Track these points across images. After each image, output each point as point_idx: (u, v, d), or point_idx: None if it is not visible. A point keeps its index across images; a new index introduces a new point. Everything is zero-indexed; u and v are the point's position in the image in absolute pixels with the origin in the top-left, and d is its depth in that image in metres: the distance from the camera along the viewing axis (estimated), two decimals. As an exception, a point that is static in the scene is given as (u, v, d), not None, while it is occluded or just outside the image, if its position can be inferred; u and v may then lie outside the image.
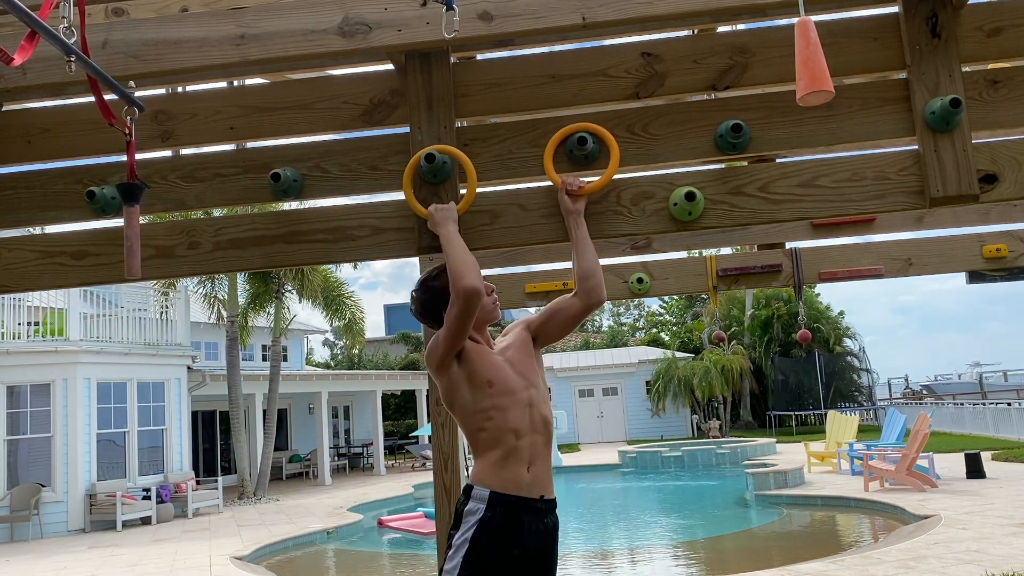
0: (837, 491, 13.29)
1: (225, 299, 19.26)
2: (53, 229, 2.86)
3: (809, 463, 16.39)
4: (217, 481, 17.47)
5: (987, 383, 33.04)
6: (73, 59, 1.91)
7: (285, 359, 24.70)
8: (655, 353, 31.85)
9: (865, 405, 30.45)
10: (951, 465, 14.55)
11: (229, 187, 2.65)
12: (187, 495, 16.01)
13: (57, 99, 2.80)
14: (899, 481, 12.73)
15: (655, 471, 20.01)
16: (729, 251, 5.91)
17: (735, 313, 33.11)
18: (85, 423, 15.05)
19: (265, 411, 19.73)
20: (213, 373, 18.95)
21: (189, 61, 2.43)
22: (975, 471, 13.42)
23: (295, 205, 3.14)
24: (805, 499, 13.34)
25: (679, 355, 30.89)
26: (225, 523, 14.61)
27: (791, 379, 30.18)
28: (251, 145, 2.70)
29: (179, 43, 2.43)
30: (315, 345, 46.49)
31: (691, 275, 4.95)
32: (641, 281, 4.86)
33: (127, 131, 2.32)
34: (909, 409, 24.00)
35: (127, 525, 14.79)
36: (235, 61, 2.43)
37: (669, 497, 16.71)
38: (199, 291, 19.25)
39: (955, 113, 2.25)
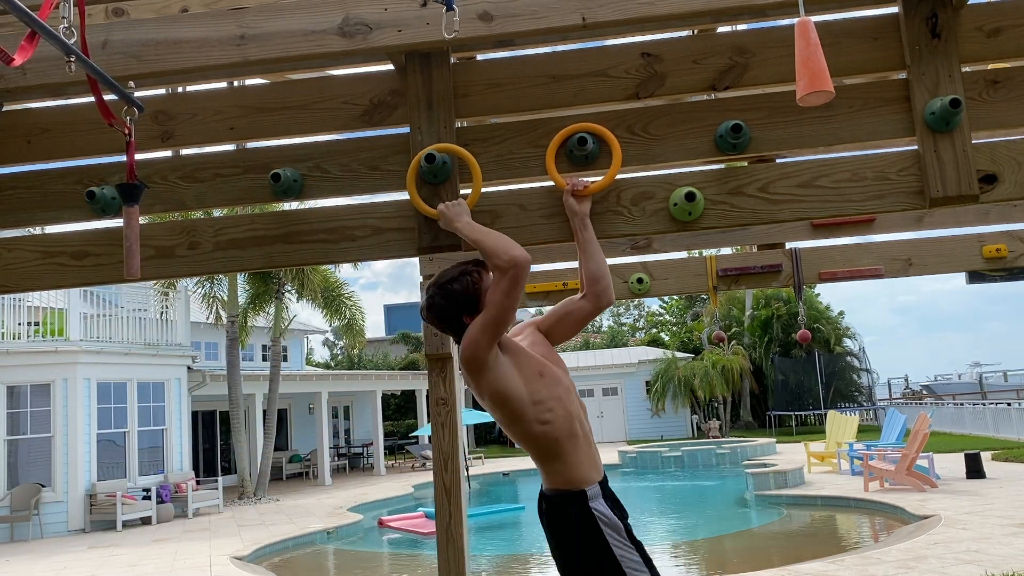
0: (837, 491, 13.29)
1: (225, 299, 19.26)
2: (53, 229, 2.86)
3: (809, 463, 16.40)
4: (217, 481, 17.47)
5: (987, 383, 33.05)
6: (73, 59, 1.91)
7: (285, 359, 24.70)
8: (655, 353, 31.85)
9: (865, 405, 30.45)
10: (951, 465, 14.55)
11: (229, 187, 2.65)
12: (187, 495, 16.01)
13: (57, 99, 2.80)
14: (899, 481, 12.73)
15: (655, 471, 20.02)
16: (729, 251, 5.91)
17: (735, 313, 33.11)
18: (85, 423, 15.05)
19: (265, 411, 19.73)
20: (213, 373, 18.96)
21: (189, 61, 2.43)
22: (975, 471, 13.42)
23: (295, 205, 3.14)
24: (805, 499, 13.34)
25: (679, 355, 30.89)
26: (225, 523, 14.61)
27: (791, 379, 30.18)
28: (251, 145, 2.70)
29: (179, 43, 2.43)
30: (315, 345, 46.54)
31: (691, 275, 4.94)
32: (641, 281, 4.86)
33: (127, 131, 2.32)
34: (909, 409, 24.00)
35: (127, 525, 14.79)
36: (235, 61, 2.43)
37: (669, 497, 16.71)
38: (198, 291, 19.25)
39: (955, 113, 2.25)
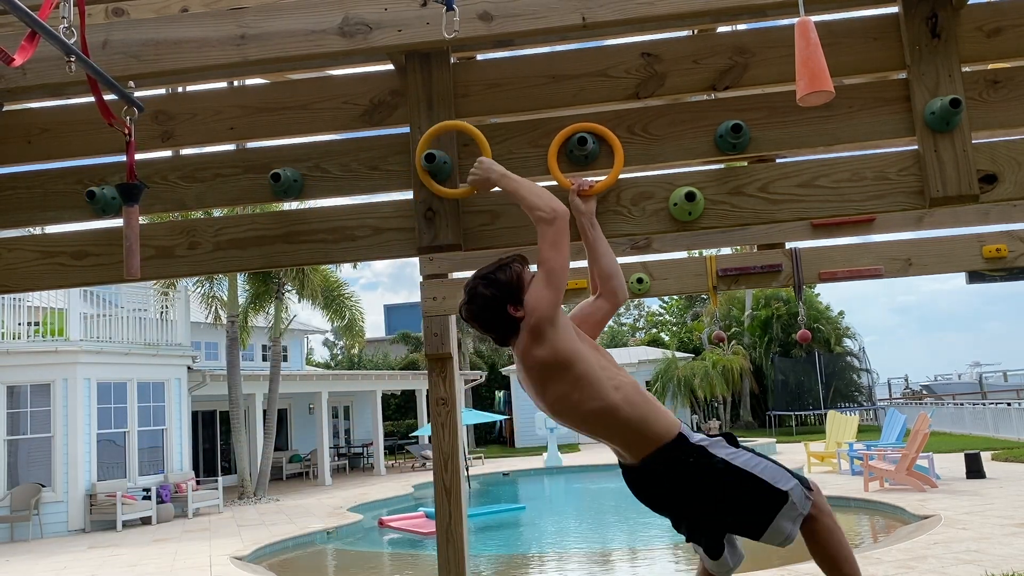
0: (837, 491, 13.28)
1: (224, 299, 19.26)
2: (53, 229, 2.86)
3: (809, 463, 16.39)
4: (217, 481, 17.47)
5: (987, 383, 33.06)
6: (73, 59, 1.91)
7: (285, 359, 24.70)
8: (655, 353, 31.85)
9: (865, 405, 30.46)
10: (951, 465, 14.55)
11: (229, 187, 2.65)
12: (187, 495, 16.01)
13: (57, 99, 2.80)
14: (899, 481, 12.73)
15: (655, 471, 19.96)
16: (729, 251, 5.91)
17: (735, 313, 33.12)
18: (85, 423, 15.05)
19: (265, 411, 19.73)
20: (213, 373, 18.95)
21: (189, 61, 2.43)
22: (975, 471, 13.42)
23: (295, 205, 3.14)
24: (805, 499, 13.32)
25: (679, 355, 30.89)
26: (225, 523, 14.61)
27: (791, 379, 30.18)
28: (251, 145, 2.70)
29: (179, 43, 2.43)
30: (315, 345, 46.56)
31: (691, 275, 4.94)
32: (641, 281, 4.86)
33: (127, 131, 2.32)
34: (909, 409, 24.00)
35: (127, 525, 14.79)
36: (235, 61, 2.43)
37: (669, 497, 16.66)
38: (198, 291, 19.25)
39: (955, 113, 2.25)
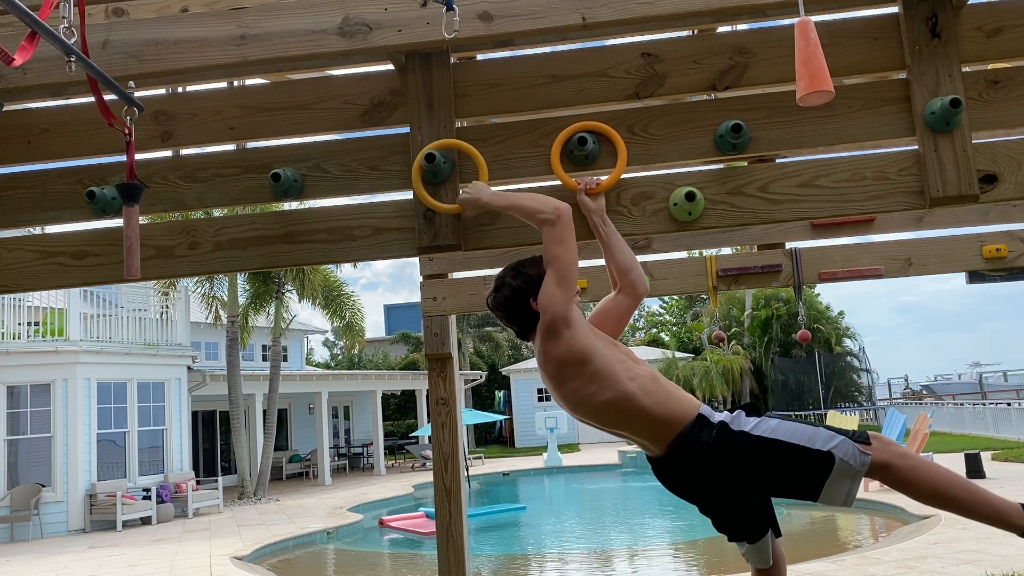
0: (837, 491, 13.27)
1: (224, 299, 19.26)
2: (53, 229, 2.86)
3: (809, 463, 16.38)
4: (217, 481, 17.48)
5: (987, 383, 33.08)
6: (73, 59, 1.91)
7: (285, 359, 24.70)
8: (655, 353, 31.84)
9: (865, 405, 30.46)
10: (951, 465, 14.54)
11: (229, 187, 2.65)
12: (187, 495, 16.01)
13: (57, 99, 2.80)
14: (899, 481, 12.72)
15: (655, 471, 19.97)
16: (729, 251, 5.91)
17: (735, 313, 33.11)
18: (85, 423, 15.05)
19: (265, 411, 19.73)
20: (213, 373, 18.96)
21: (189, 61, 2.43)
22: (975, 471, 13.42)
23: (295, 205, 3.14)
24: (805, 499, 13.32)
25: (679, 355, 30.88)
26: (225, 523, 14.61)
27: (791, 379, 30.18)
28: (251, 145, 2.70)
29: (179, 43, 2.43)
30: (315, 345, 46.51)
31: (691, 275, 4.94)
32: (641, 281, 4.85)
33: (127, 131, 2.32)
34: (909, 409, 24.00)
35: (127, 525, 14.79)
36: (235, 61, 2.43)
37: (669, 497, 16.65)
38: (198, 291, 19.25)
39: (955, 113, 2.25)
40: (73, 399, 14.93)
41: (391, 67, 2.62)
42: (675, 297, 36.97)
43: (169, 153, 2.74)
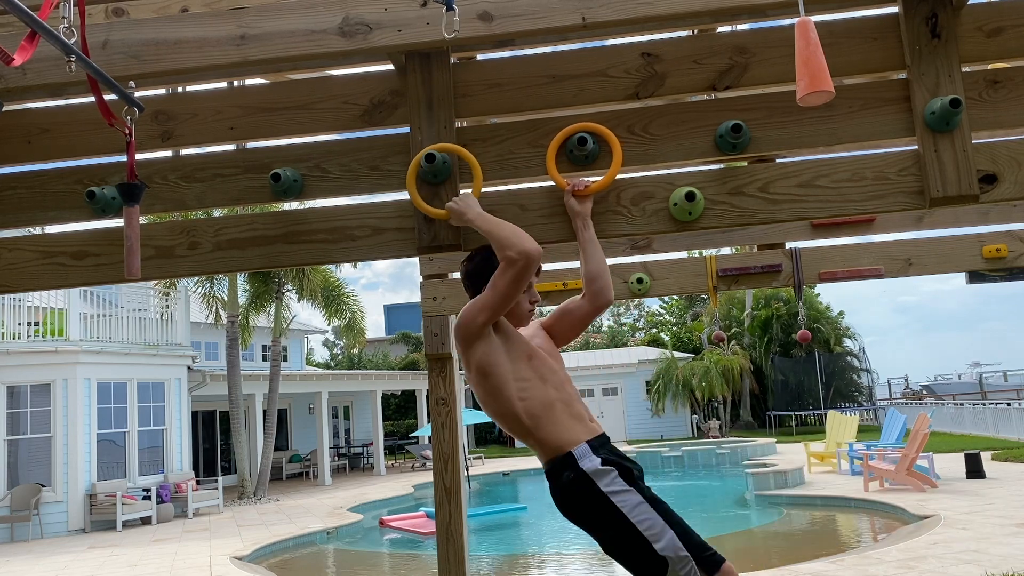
0: (837, 491, 13.29)
1: (224, 299, 19.26)
2: (53, 229, 2.86)
3: (809, 463, 16.40)
4: (217, 481, 17.48)
5: (987, 383, 33.08)
6: (73, 59, 1.91)
7: (285, 359, 24.71)
8: (655, 353, 31.86)
9: (865, 405, 30.46)
10: (951, 465, 14.55)
11: (229, 187, 2.65)
12: (187, 495, 16.01)
13: (57, 99, 2.80)
14: (899, 481, 12.73)
15: (655, 471, 20.00)
16: (729, 251, 5.91)
17: (735, 313, 33.11)
18: (85, 423, 15.06)
19: (265, 411, 19.73)
20: (213, 373, 18.96)
21: (189, 61, 2.43)
22: (975, 471, 13.42)
23: (295, 205, 3.14)
24: (805, 499, 13.34)
25: (678, 355, 30.88)
26: (225, 523, 14.61)
27: (791, 379, 30.19)
28: (251, 145, 2.70)
29: (179, 43, 2.43)
30: (315, 345, 46.52)
31: (691, 275, 4.94)
32: (641, 281, 4.86)
33: (127, 131, 2.32)
34: (909, 409, 24.01)
35: (127, 525, 14.79)
36: (235, 61, 2.43)
37: (669, 497, 16.63)
38: (198, 291, 19.25)
39: (955, 113, 2.25)
40: (73, 399, 14.93)
41: (391, 67, 2.62)
42: (675, 297, 36.97)
43: (169, 153, 2.74)
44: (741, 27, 2.63)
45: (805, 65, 1.90)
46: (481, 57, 2.70)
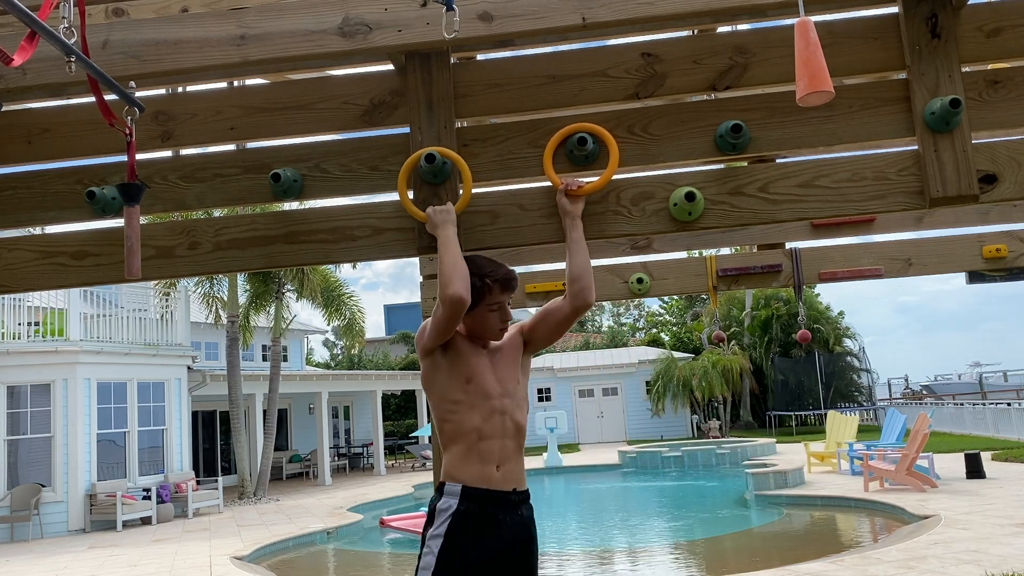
0: (837, 491, 13.29)
1: (224, 299, 19.26)
2: (53, 229, 2.86)
3: (809, 463, 16.40)
4: (217, 481, 17.47)
5: (987, 383, 33.09)
6: (73, 59, 1.91)
7: (285, 359, 24.70)
8: (655, 353, 31.85)
9: (865, 405, 30.46)
10: (951, 465, 14.55)
11: (229, 187, 2.65)
12: (187, 495, 16.01)
13: (57, 99, 2.80)
14: (899, 481, 12.73)
15: (655, 471, 20.02)
16: (729, 251, 5.92)
17: (735, 313, 33.11)
18: (85, 423, 15.05)
19: (265, 411, 19.73)
20: (213, 373, 18.96)
21: (189, 61, 2.43)
22: (975, 471, 13.42)
23: (295, 205, 3.14)
24: (805, 499, 13.34)
25: (678, 355, 30.88)
26: (225, 523, 14.62)
27: (791, 379, 30.19)
28: (251, 145, 2.70)
29: (179, 43, 2.43)
30: (315, 345, 46.54)
31: (691, 275, 4.95)
32: (641, 281, 4.86)
33: (127, 131, 2.33)
34: (909, 409, 24.01)
35: (127, 525, 14.79)
36: (235, 61, 2.43)
37: (669, 497, 16.71)
38: (198, 291, 19.25)
39: (955, 113, 2.25)
40: (73, 399, 14.93)
41: (391, 67, 2.62)
42: (675, 297, 36.98)
43: (169, 153, 2.74)
44: (741, 27, 2.64)
45: (805, 65, 1.90)
46: (481, 57, 2.70)
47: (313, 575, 11.74)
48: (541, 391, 31.21)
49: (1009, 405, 21.26)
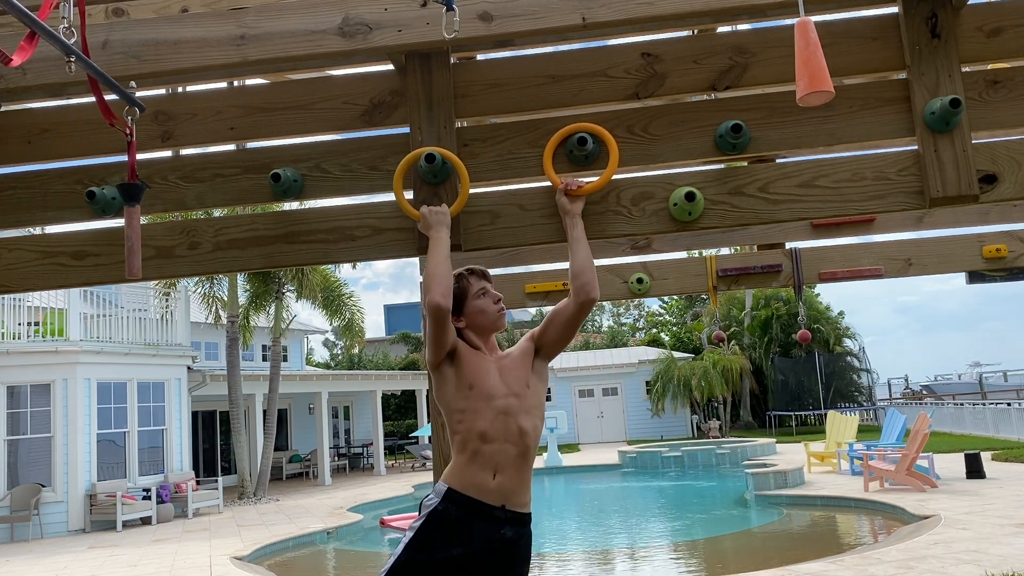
0: (837, 491, 13.29)
1: (224, 299, 19.26)
2: (53, 229, 2.86)
3: (809, 463, 16.39)
4: (217, 481, 17.47)
5: (987, 383, 33.08)
6: (73, 59, 1.91)
7: (285, 359, 24.70)
8: (655, 353, 31.85)
9: (865, 405, 30.45)
10: (951, 465, 14.55)
11: (229, 187, 2.65)
12: (187, 495, 16.01)
13: (57, 99, 2.80)
14: (899, 481, 12.73)
15: (655, 471, 20.01)
16: (729, 251, 5.92)
17: (735, 313, 33.11)
18: (85, 423, 15.05)
19: (265, 411, 19.73)
20: (213, 373, 18.95)
21: (189, 61, 2.43)
22: (975, 471, 13.41)
23: (295, 205, 3.14)
24: (805, 499, 13.34)
25: (678, 355, 30.88)
26: (225, 523, 14.61)
27: (791, 379, 30.18)
28: (251, 145, 2.71)
29: (179, 43, 2.43)
30: (315, 345, 46.55)
31: (691, 275, 4.95)
32: (641, 281, 4.86)
33: (127, 131, 2.33)
34: (909, 409, 24.01)
35: (127, 525, 14.79)
36: (235, 61, 2.43)
37: (669, 497, 16.71)
38: (198, 291, 19.25)
39: (955, 113, 2.25)
40: (73, 399, 14.93)
41: (391, 67, 2.62)
42: (675, 297, 36.98)
43: (169, 153, 2.74)
44: (741, 27, 2.64)
45: (805, 65, 1.90)
46: (481, 57, 2.70)
47: (313, 575, 11.74)
48: (541, 391, 31.16)
49: (1009, 405, 21.25)
